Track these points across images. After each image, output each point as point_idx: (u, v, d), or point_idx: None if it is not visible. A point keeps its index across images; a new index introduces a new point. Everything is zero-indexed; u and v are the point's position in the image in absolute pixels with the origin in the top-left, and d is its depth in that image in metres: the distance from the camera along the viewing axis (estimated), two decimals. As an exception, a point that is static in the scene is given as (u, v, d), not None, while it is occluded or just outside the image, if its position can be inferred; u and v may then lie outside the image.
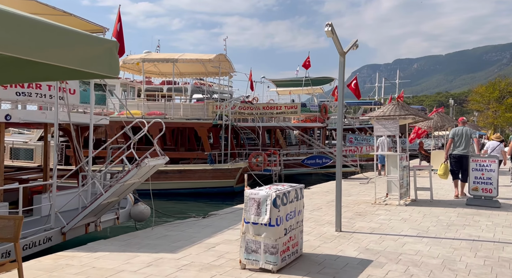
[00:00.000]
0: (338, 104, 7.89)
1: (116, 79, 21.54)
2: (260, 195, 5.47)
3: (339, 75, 7.77)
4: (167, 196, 16.38)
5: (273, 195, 5.39)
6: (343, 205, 10.54)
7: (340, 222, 7.88)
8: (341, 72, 7.72)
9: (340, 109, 7.76)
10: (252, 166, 17.16)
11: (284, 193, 5.63)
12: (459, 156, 11.70)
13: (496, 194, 10.49)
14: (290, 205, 5.77)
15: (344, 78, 7.76)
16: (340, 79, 7.75)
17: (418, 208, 10.24)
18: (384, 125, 10.93)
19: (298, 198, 6.03)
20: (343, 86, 7.76)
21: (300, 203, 6.07)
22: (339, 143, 7.77)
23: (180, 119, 16.98)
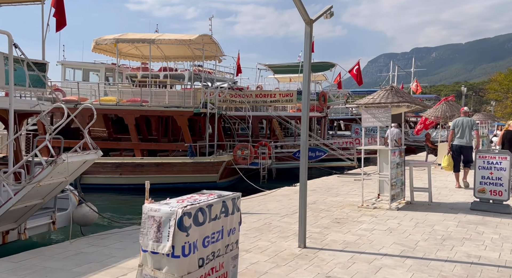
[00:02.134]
0: (303, 86, 6.26)
1: (100, 64, 20.11)
2: (161, 212, 3.84)
3: (305, 49, 6.14)
4: (142, 191, 14.92)
5: (179, 213, 3.74)
6: (323, 209, 8.97)
7: (304, 236, 6.27)
8: (307, 44, 6.08)
9: (306, 91, 6.12)
10: (237, 159, 15.58)
11: (200, 209, 3.96)
12: (459, 146, 11.63)
13: (507, 197, 8.75)
14: (212, 223, 4.11)
15: (310, 53, 6.11)
16: (306, 54, 6.11)
17: (412, 214, 8.57)
18: (374, 114, 9.23)
19: (229, 213, 4.37)
20: (309, 61, 6.11)
21: (231, 220, 4.41)
22: (304, 136, 6.15)
23: (158, 107, 15.45)
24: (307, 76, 6.11)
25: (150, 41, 15.34)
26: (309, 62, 6.13)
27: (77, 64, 19.84)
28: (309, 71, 6.14)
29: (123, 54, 18.09)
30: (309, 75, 6.14)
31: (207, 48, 16.61)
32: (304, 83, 6.16)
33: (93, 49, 16.20)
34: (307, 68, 6.10)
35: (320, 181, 13.88)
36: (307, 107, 6.09)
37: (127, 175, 14.75)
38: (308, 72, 6.12)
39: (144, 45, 17.36)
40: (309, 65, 6.12)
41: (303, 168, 6.17)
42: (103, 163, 14.83)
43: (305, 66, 6.09)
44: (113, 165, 14.82)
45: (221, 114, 17.94)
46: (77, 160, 6.62)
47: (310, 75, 6.18)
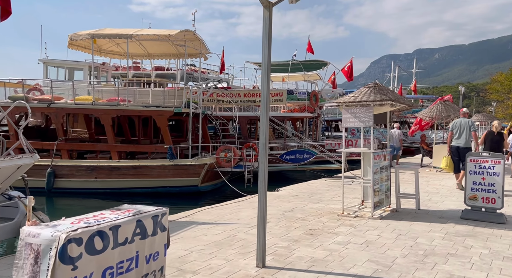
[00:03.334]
0: (262, 80, 5.48)
1: (84, 62, 19.36)
2: (40, 238, 3.01)
3: (264, 37, 5.35)
4: (120, 196, 14.15)
5: (62, 239, 2.91)
6: (299, 218, 8.18)
7: (263, 254, 5.47)
8: (266, 32, 5.30)
9: (265, 90, 5.34)
10: (220, 161, 14.79)
11: (98, 232, 3.07)
12: (457, 147, 11.65)
13: (501, 205, 7.93)
14: (119, 250, 3.25)
15: (270, 41, 5.33)
16: (265, 42, 5.32)
17: (395, 224, 7.77)
18: (355, 113, 8.45)
19: (147, 235, 3.52)
20: (268, 52, 5.32)
21: (152, 242, 3.57)
22: (263, 138, 5.36)
23: (136, 106, 14.65)
24: (266, 69, 5.32)
25: (128, 36, 14.53)
26: (268, 54, 5.34)
27: (60, 62, 19.08)
28: (269, 63, 5.36)
29: (104, 51, 17.30)
30: (268, 68, 5.35)
31: (190, 44, 15.81)
32: (262, 77, 5.38)
33: (69, 45, 15.40)
34: (266, 60, 5.31)
35: (305, 185, 13.08)
36: (267, 104, 5.31)
37: (103, 178, 13.98)
38: (267, 65, 5.34)
39: (125, 42, 16.58)
40: (268, 56, 5.33)
41: (262, 175, 5.39)
42: (77, 166, 14.09)
43: (264, 59, 5.31)
44: (88, 168, 14.05)
45: (206, 114, 17.16)
46: (6, 166, 5.83)
47: (269, 67, 5.39)
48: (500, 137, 11.43)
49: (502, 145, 11.46)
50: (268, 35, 5.30)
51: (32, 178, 14.10)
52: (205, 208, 9.08)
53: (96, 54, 17.22)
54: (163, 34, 14.76)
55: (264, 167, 5.32)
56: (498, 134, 11.46)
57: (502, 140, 11.45)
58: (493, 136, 11.44)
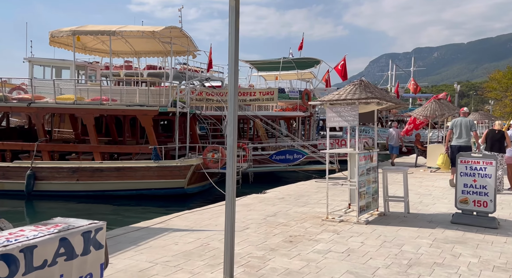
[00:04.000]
0: (229, 80, 5.04)
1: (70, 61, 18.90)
2: None
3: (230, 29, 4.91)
4: (103, 199, 13.72)
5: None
6: (281, 223, 7.74)
7: (230, 267, 5.01)
8: (232, 22, 4.85)
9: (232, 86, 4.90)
10: (207, 162, 14.34)
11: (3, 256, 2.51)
12: (458, 146, 11.60)
13: (493, 209, 7.50)
14: (34, 275, 2.71)
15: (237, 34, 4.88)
16: (231, 33, 4.88)
17: (381, 229, 7.34)
18: (339, 112, 8.03)
19: (76, 255, 2.94)
20: (235, 45, 4.87)
21: (83, 263, 2.99)
22: (231, 140, 4.92)
23: (120, 105, 14.19)
24: (234, 64, 4.88)
25: (110, 33, 14.03)
26: (236, 46, 4.89)
27: (46, 61, 18.61)
28: (236, 57, 4.91)
29: (89, 49, 16.80)
30: (235, 62, 4.91)
31: (177, 41, 15.34)
32: (230, 72, 4.93)
33: (50, 42, 14.90)
34: (233, 53, 4.86)
35: (294, 187, 12.66)
36: (234, 101, 4.86)
37: (85, 181, 13.53)
38: (235, 59, 4.89)
39: (112, 39, 16.11)
40: (235, 49, 4.88)
41: (230, 181, 4.94)
42: (58, 167, 13.63)
43: (231, 52, 4.86)
44: (69, 169, 13.59)
45: (194, 114, 16.71)
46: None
47: (237, 62, 4.95)
48: (501, 136, 11.16)
49: (504, 143, 11.13)
50: (235, 25, 4.86)
51: (11, 180, 13.77)
52: (183, 213, 8.65)
53: (80, 52, 16.75)
54: (147, 30, 14.27)
55: (232, 172, 4.88)
56: (499, 132, 11.21)
57: (503, 138, 11.15)
58: (494, 134, 11.19)
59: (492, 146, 11.13)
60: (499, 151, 11.06)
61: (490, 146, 11.18)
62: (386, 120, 37.03)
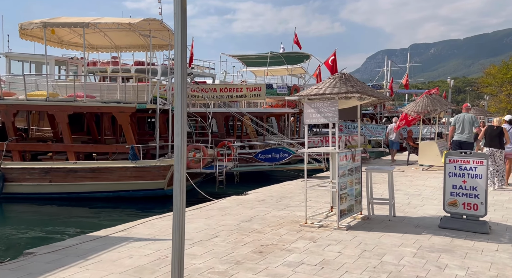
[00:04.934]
0: (175, 72, 4.39)
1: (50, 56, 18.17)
2: None
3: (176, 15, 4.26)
4: (78, 201, 13.06)
5: None
6: (255, 230, 7.12)
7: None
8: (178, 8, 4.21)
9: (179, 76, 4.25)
10: (188, 162, 13.69)
11: None
12: (459, 142, 11.79)
13: (484, 212, 6.89)
14: None
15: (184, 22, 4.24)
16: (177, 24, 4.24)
17: (363, 236, 6.71)
18: (318, 108, 7.40)
19: None
20: (181, 40, 4.23)
21: None
22: (179, 140, 4.27)
23: (95, 102, 13.48)
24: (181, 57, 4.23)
25: (84, 25, 13.26)
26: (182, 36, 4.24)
27: (24, 56, 17.86)
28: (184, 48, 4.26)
29: (66, 43, 16.03)
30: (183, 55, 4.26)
31: (157, 34, 14.63)
32: (176, 66, 4.28)
33: (20, 35, 14.07)
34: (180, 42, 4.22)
35: (278, 187, 12.04)
36: (182, 99, 4.21)
37: (58, 182, 12.85)
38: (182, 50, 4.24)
39: (89, 33, 15.39)
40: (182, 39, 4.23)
41: (179, 188, 4.29)
42: (30, 168, 12.94)
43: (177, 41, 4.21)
44: (41, 170, 12.90)
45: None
46: None
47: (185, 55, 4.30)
48: (499, 131, 11.00)
49: (502, 139, 11.00)
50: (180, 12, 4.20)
51: (-22, 182, 13.09)
52: (151, 218, 8.00)
53: (57, 46, 15.99)
54: (123, 22, 13.52)
55: (180, 177, 4.23)
56: (498, 128, 11.05)
57: (502, 134, 11.00)
58: (492, 130, 11.05)
59: (491, 142, 11.00)
60: (498, 147, 10.95)
61: (489, 142, 11.04)
62: (380, 116, 36.39)
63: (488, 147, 11.06)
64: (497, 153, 10.96)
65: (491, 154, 10.97)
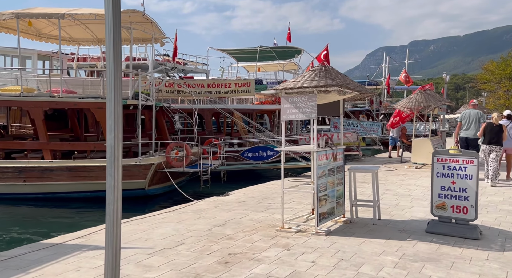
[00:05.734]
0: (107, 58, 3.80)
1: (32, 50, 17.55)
2: None
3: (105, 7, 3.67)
4: (54, 202, 12.50)
5: None
6: (226, 236, 6.57)
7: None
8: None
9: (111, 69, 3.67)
10: (171, 161, 13.11)
11: None
12: (465, 138, 11.87)
13: (474, 216, 6.33)
14: None
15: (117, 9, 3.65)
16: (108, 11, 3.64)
17: (342, 242, 6.15)
18: (296, 103, 6.83)
19: None
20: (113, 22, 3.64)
21: None
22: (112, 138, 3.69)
23: (72, 98, 12.86)
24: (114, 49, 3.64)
25: (59, 16, 12.61)
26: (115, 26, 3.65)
27: (5, 50, 17.21)
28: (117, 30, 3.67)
29: (45, 35, 15.39)
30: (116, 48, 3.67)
31: (139, 27, 14.02)
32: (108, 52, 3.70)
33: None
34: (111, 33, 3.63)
35: (263, 187, 11.49)
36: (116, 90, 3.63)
37: (33, 182, 12.26)
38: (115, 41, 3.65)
39: (70, 25, 14.78)
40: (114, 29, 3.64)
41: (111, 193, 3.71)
42: (2, 167, 12.35)
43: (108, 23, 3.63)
44: (15, 170, 12.31)
45: (161, 107, 15.47)
46: None
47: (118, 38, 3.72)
48: (499, 129, 10.92)
49: (501, 136, 10.92)
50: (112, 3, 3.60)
51: None
52: (117, 222, 7.41)
53: (35, 39, 15.35)
54: (101, 13, 12.89)
55: (114, 183, 3.65)
56: (498, 125, 10.97)
57: (501, 131, 10.93)
58: (492, 127, 10.97)
59: (490, 139, 10.92)
60: (497, 144, 10.86)
61: (488, 139, 10.95)
62: (377, 113, 35.77)
63: (488, 144, 10.96)
64: (496, 149, 10.86)
65: (490, 151, 10.89)
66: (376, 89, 39.25)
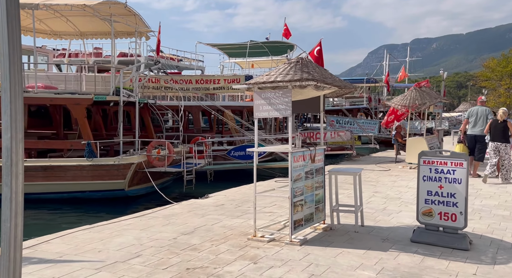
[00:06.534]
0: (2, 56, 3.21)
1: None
2: None
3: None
4: (28, 204, 11.85)
5: None
6: (191, 246, 5.97)
7: None
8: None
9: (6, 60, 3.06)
10: (152, 160, 12.52)
11: None
12: (472, 136, 11.79)
13: (464, 224, 5.73)
14: None
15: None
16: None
17: (317, 253, 5.56)
18: (269, 99, 6.22)
19: None
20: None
21: None
22: (7, 139, 3.13)
23: (48, 94, 12.26)
24: (8, 27, 3.02)
25: (33, 7, 11.99)
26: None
27: None
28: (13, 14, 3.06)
29: (24, 28, 14.76)
30: (12, 26, 3.05)
31: (121, 19, 13.40)
32: (2, 39, 3.09)
33: None
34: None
35: (246, 189, 10.87)
36: (14, 85, 3.02)
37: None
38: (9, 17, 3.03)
39: (50, 18, 14.18)
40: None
41: (8, 205, 3.10)
42: (-29, 167, 11.78)
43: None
44: (-15, 170, 11.74)
45: (145, 104, 14.88)
46: None
47: (16, 25, 3.11)
48: (504, 125, 10.82)
49: (507, 133, 10.84)
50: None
51: None
52: (77, 230, 6.82)
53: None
54: (77, 3, 12.23)
55: (12, 194, 3.03)
56: (503, 122, 10.86)
57: (507, 128, 10.81)
58: (497, 124, 10.91)
59: (494, 136, 10.89)
60: (503, 141, 10.78)
61: (493, 136, 10.94)
62: (375, 111, 35.12)
63: (493, 141, 10.91)
64: (502, 147, 10.80)
65: (496, 148, 10.84)
66: (375, 86, 38.59)
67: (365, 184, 10.96)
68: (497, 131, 10.82)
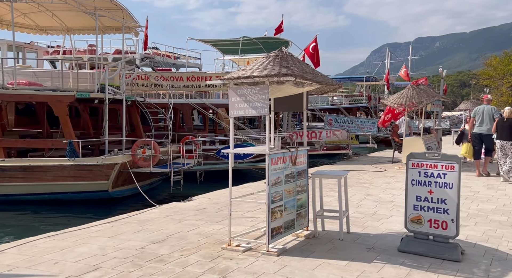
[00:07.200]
0: None
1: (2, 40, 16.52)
2: None
3: None
4: (7, 205, 11.47)
5: None
6: (159, 256, 5.48)
7: None
8: None
9: None
10: (137, 160, 12.03)
11: None
12: (479, 135, 11.78)
13: (455, 232, 5.22)
14: None
15: None
16: None
17: (294, 264, 5.07)
18: (245, 96, 5.74)
19: None
20: None
21: None
22: None
23: (28, 90, 11.79)
24: None
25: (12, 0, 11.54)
26: None
27: None
28: None
29: (6, 23, 14.31)
30: None
31: (107, 14, 12.92)
32: None
33: None
34: None
35: (233, 191, 10.31)
36: None
37: None
38: None
39: (34, 12, 13.69)
40: None
41: None
42: None
43: None
44: (-39, 169, 11.30)
45: (134, 101, 14.39)
46: None
47: None
48: (510, 123, 10.76)
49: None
50: None
51: None
52: (34, 239, 6.27)
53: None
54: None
55: None
56: (508, 120, 10.82)
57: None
58: (503, 122, 10.87)
59: (501, 134, 10.84)
60: (509, 139, 10.74)
61: (499, 134, 10.93)
62: (375, 110, 34.56)
63: (499, 140, 10.90)
64: (508, 145, 10.78)
65: (502, 146, 10.83)
66: (375, 85, 38.01)
67: (357, 186, 10.48)
68: (504, 129, 10.79)
